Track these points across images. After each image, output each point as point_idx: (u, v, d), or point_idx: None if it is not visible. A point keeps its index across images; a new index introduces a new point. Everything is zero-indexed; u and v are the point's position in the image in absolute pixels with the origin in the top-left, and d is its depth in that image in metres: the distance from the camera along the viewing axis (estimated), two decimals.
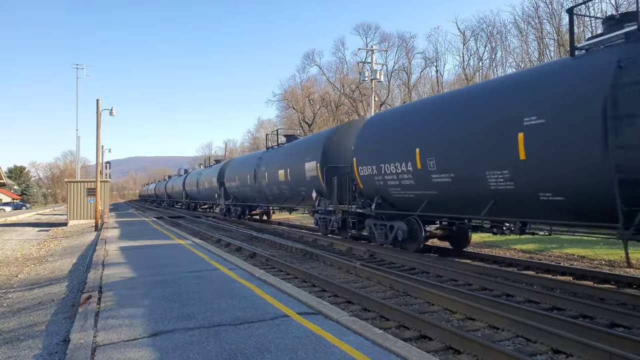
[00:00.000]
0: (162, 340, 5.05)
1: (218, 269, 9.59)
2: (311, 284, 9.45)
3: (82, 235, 22.22)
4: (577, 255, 12.68)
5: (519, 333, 6.02)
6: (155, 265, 10.36)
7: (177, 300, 6.88)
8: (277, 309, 6.24)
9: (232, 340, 4.97)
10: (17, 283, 10.88)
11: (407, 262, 11.72)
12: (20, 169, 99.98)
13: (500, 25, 53.02)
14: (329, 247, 15.45)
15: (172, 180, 60.19)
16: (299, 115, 58.10)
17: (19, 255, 16.41)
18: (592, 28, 38.33)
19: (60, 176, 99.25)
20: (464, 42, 50.42)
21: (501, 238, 16.13)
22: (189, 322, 5.68)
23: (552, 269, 10.57)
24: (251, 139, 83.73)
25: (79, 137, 78.44)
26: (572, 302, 7.42)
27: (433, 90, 51.30)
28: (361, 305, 7.65)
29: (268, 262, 12.23)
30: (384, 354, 4.49)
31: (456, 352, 5.51)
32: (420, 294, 8.22)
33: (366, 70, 32.40)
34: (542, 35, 41.82)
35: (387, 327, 6.38)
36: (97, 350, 4.79)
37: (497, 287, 8.88)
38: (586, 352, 5.15)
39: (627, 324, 6.46)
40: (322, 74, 59.84)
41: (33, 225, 32.65)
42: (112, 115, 28.68)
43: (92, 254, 13.19)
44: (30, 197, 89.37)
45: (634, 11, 8.04)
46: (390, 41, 55.55)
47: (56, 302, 8.07)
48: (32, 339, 5.92)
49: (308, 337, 5.03)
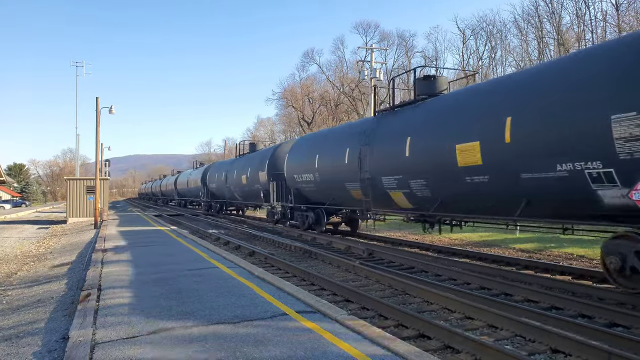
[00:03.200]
0: (162, 337, 5.05)
1: (217, 267, 9.59)
2: (310, 283, 9.46)
3: (81, 233, 22.21)
4: (576, 254, 12.69)
5: (518, 332, 6.02)
6: (154, 263, 10.36)
7: (176, 298, 6.88)
8: (276, 307, 6.24)
9: (230, 338, 4.97)
10: (17, 280, 10.88)
11: (406, 261, 11.73)
12: (19, 166, 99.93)
13: (500, 24, 53.01)
14: (328, 245, 15.46)
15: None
16: (298, 113, 58.11)
17: (19, 253, 16.41)
18: (592, 27, 38.30)
19: (60, 174, 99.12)
20: (464, 41, 50.47)
21: (500, 237, 16.16)
22: (188, 320, 5.68)
23: (551, 268, 10.58)
24: (250, 138, 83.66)
25: (79, 135, 78.43)
26: (571, 302, 7.42)
27: None
28: (360, 304, 7.65)
29: (267, 261, 12.24)
30: (383, 353, 4.49)
31: (455, 351, 5.51)
32: (419, 292, 8.23)
33: (365, 68, 32.36)
34: (542, 35, 41.84)
35: (386, 326, 6.38)
36: (96, 348, 4.80)
37: (496, 286, 8.89)
38: (585, 351, 5.16)
39: (626, 323, 6.46)
40: (321, 72, 59.92)
41: (32, 223, 32.64)
42: (111, 113, 28.64)
43: (91, 251, 13.19)
44: (29, 194, 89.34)
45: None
46: (390, 40, 55.64)
47: (55, 300, 8.07)
48: (32, 336, 5.92)
49: (306, 335, 5.03)
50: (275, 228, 21.77)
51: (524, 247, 14.22)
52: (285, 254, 13.82)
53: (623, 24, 33.17)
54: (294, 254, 13.85)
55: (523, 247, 14.30)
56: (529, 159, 8.41)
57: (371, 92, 34.39)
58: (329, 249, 14.72)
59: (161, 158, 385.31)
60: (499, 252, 13.60)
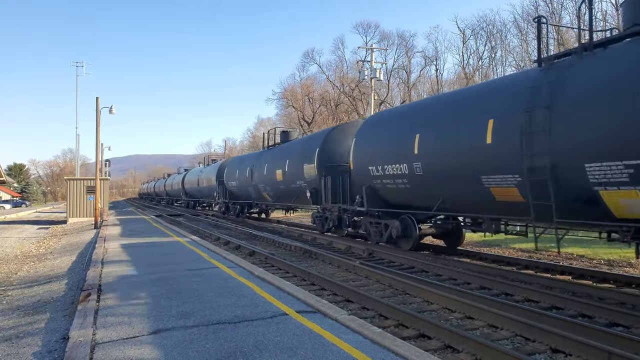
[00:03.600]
0: (162, 338, 5.05)
1: (217, 267, 9.59)
2: (310, 283, 9.46)
3: (81, 233, 22.22)
4: (576, 254, 12.69)
5: (518, 332, 6.02)
6: (155, 263, 10.36)
7: (177, 298, 6.88)
8: (276, 307, 6.24)
9: (231, 338, 4.97)
10: (17, 281, 10.87)
11: (406, 261, 11.72)
12: (20, 166, 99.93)
13: (500, 24, 53.03)
14: (328, 245, 15.45)
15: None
16: (298, 113, 58.09)
17: (19, 253, 16.41)
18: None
19: (60, 174, 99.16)
20: (464, 41, 50.46)
21: (500, 237, 16.13)
22: (188, 320, 5.68)
23: (551, 268, 10.59)
24: (251, 138, 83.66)
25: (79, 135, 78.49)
26: (571, 302, 7.42)
27: (432, 90, 51.28)
28: (360, 303, 7.65)
29: (267, 261, 12.23)
30: (383, 353, 4.49)
31: (455, 351, 5.51)
32: (419, 292, 8.23)
33: (366, 68, 32.36)
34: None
35: (386, 326, 6.38)
36: (96, 348, 4.80)
37: (496, 286, 8.89)
38: (585, 351, 5.16)
39: (626, 323, 6.46)
40: (321, 72, 59.87)
41: (33, 223, 32.65)
42: (111, 113, 28.65)
43: (91, 251, 13.19)
44: (29, 194, 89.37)
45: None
46: (390, 40, 55.60)
47: (55, 300, 8.07)
48: (32, 336, 5.92)
49: (307, 335, 5.03)
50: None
51: (524, 247, 14.22)
52: (286, 254, 13.82)
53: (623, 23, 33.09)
54: (294, 254, 13.85)
55: (523, 246, 14.30)
56: None
57: (371, 92, 34.40)
58: (329, 249, 14.71)
59: (161, 158, 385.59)
60: (500, 252, 13.60)
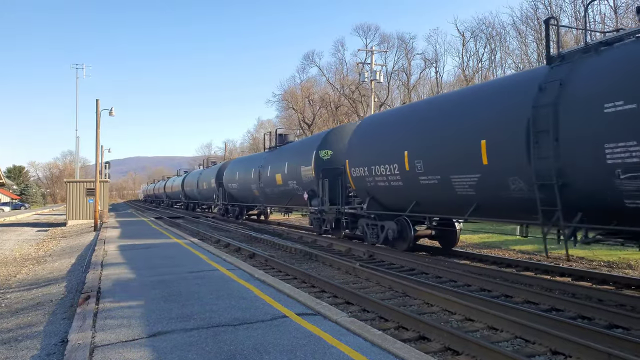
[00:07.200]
0: (161, 340, 5.04)
1: (217, 270, 9.58)
2: (310, 285, 9.44)
3: (81, 236, 22.19)
4: (576, 256, 12.68)
5: (518, 334, 6.01)
6: (154, 265, 10.35)
7: (176, 300, 6.87)
8: (276, 309, 6.23)
9: (230, 341, 4.96)
10: (16, 283, 10.86)
11: (407, 263, 11.71)
12: (19, 168, 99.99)
13: (500, 27, 53.04)
14: (329, 247, 15.44)
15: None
16: (298, 115, 58.10)
17: (18, 256, 16.39)
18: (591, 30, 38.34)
19: (60, 176, 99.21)
20: (464, 43, 50.43)
21: (500, 239, 16.14)
22: (187, 323, 5.67)
23: (551, 269, 10.59)
24: (251, 140, 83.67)
25: (79, 137, 78.50)
26: (571, 303, 7.42)
27: (432, 92, 51.30)
28: (360, 306, 7.64)
29: (267, 263, 12.22)
30: (383, 355, 4.48)
31: (455, 353, 5.50)
32: (419, 294, 8.22)
33: (366, 71, 32.43)
34: (541, 37, 41.86)
35: (386, 328, 6.37)
36: (96, 351, 4.78)
37: (496, 288, 8.88)
38: (585, 353, 5.15)
39: (625, 325, 6.46)
40: (321, 74, 59.83)
41: (32, 225, 32.63)
42: (111, 115, 28.65)
43: (91, 254, 13.17)
44: (29, 197, 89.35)
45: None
46: (390, 42, 55.53)
47: (54, 303, 8.05)
48: (30, 339, 5.91)
49: (307, 337, 5.02)
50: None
51: (524, 249, 14.21)
52: (286, 256, 13.80)
53: (621, 26, 33.23)
54: (295, 256, 13.84)
55: (523, 248, 14.30)
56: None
57: (371, 94, 34.43)
58: (329, 251, 14.70)
59: (161, 160, 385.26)
60: (500, 254, 13.60)
